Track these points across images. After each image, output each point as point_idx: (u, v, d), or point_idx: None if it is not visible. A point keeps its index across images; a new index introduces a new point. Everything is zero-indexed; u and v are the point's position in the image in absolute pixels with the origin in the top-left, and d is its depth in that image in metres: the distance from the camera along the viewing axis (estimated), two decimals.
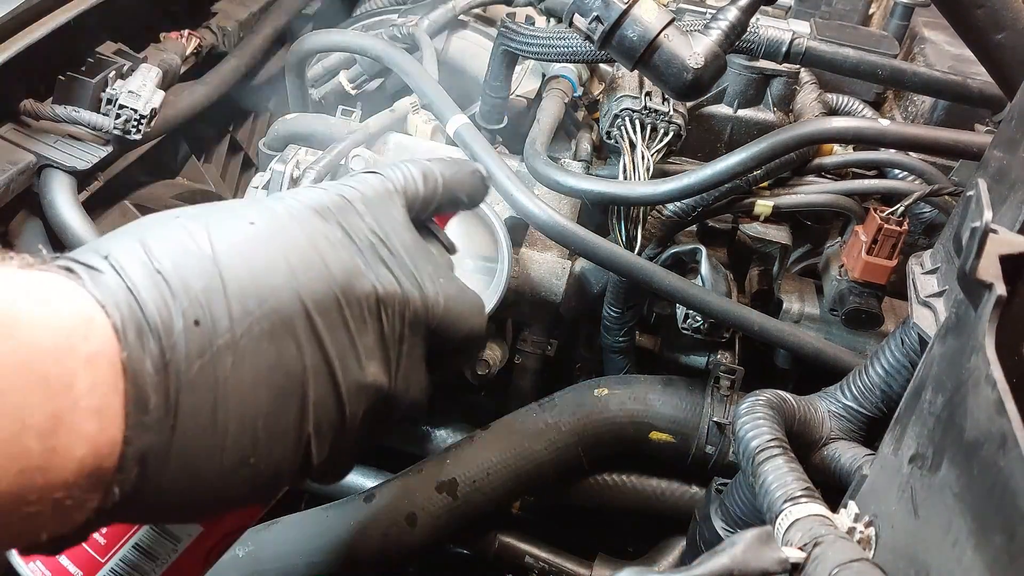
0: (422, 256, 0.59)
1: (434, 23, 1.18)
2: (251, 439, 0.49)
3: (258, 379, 0.49)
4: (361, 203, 0.58)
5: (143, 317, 0.46)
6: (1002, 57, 0.85)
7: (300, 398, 0.51)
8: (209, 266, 0.49)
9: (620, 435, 1.03)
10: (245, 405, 0.49)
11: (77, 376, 0.43)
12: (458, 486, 1.00)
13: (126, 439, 0.44)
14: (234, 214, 0.53)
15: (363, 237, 0.57)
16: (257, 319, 0.49)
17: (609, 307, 1.08)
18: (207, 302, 0.48)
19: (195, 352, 0.47)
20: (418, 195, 0.62)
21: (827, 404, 0.81)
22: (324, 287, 0.53)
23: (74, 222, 0.97)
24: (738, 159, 0.93)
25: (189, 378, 0.47)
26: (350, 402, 0.54)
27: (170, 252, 0.49)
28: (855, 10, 1.41)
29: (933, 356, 0.51)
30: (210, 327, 0.48)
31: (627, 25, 0.81)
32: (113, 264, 0.47)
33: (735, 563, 0.48)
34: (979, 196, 0.46)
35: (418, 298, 0.58)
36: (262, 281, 0.50)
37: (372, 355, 0.55)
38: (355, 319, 0.54)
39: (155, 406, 0.45)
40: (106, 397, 0.44)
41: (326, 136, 1.05)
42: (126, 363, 0.44)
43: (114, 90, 0.99)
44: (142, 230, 0.50)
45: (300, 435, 0.52)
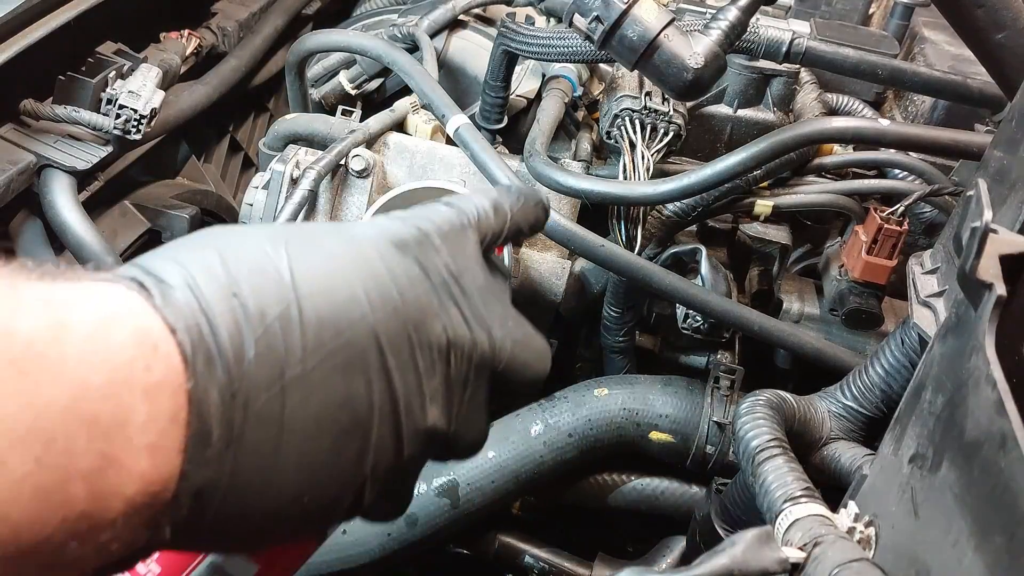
0: (492, 296, 0.58)
1: (434, 23, 1.18)
2: (309, 476, 0.47)
3: (324, 416, 0.47)
4: (438, 237, 0.56)
5: (215, 343, 0.43)
6: (1002, 57, 0.85)
7: (362, 438, 0.49)
8: (287, 292, 0.47)
9: (620, 435, 1.03)
10: (308, 441, 0.46)
11: (133, 411, 0.40)
12: (458, 486, 1.00)
13: (183, 474, 0.42)
14: (314, 238, 0.51)
15: (438, 274, 0.55)
16: (331, 352, 0.47)
17: (609, 307, 1.08)
18: (281, 331, 0.45)
19: (264, 383, 0.44)
20: (489, 229, 0.61)
21: (827, 404, 0.81)
22: (399, 325, 0.51)
23: (74, 222, 0.97)
24: (738, 159, 0.93)
25: (255, 410, 0.44)
26: (409, 446, 0.52)
27: (247, 272, 0.46)
28: (855, 10, 1.41)
29: (933, 356, 0.51)
30: (282, 357, 0.45)
31: (627, 25, 0.81)
32: (188, 280, 0.44)
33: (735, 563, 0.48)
34: (979, 196, 0.46)
35: (486, 343, 0.56)
36: (339, 313, 0.48)
37: (436, 399, 0.53)
38: (424, 360, 0.52)
39: (217, 438, 0.43)
40: (163, 431, 0.41)
41: (326, 136, 1.05)
42: (192, 393, 0.42)
43: (114, 90, 0.99)
44: (220, 241, 0.48)
45: (357, 475, 0.50)
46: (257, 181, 1.02)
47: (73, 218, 0.97)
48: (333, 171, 0.97)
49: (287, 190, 0.96)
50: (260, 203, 0.98)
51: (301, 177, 0.94)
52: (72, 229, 0.97)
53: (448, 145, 1.04)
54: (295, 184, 0.95)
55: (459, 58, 1.20)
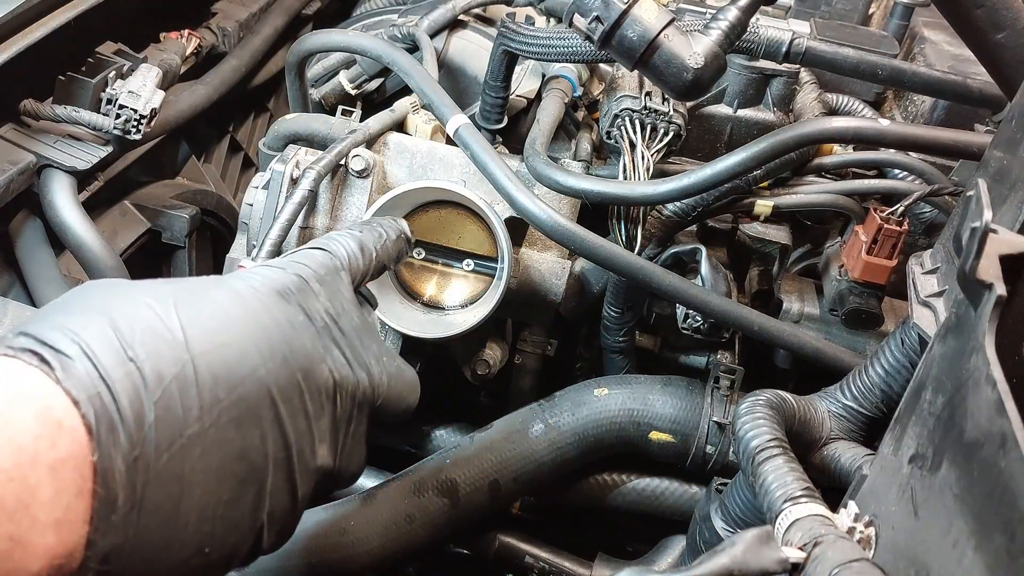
0: (367, 335, 0.62)
1: (434, 23, 1.18)
2: (209, 528, 0.49)
3: (222, 468, 0.49)
4: (316, 282, 0.60)
5: (116, 410, 0.44)
6: (1002, 57, 0.85)
7: (258, 486, 0.51)
8: (181, 353, 0.48)
9: (620, 435, 1.03)
10: (208, 495, 0.48)
11: (38, 489, 0.41)
12: (458, 486, 1.00)
13: (89, 543, 0.43)
14: (200, 293, 0.53)
15: (320, 319, 0.58)
16: (226, 407, 0.49)
17: (609, 307, 1.08)
18: (179, 391, 0.47)
19: (165, 443, 0.46)
20: (358, 269, 0.65)
21: (827, 404, 0.81)
22: (289, 373, 0.53)
23: (74, 222, 0.97)
24: (738, 159, 0.93)
25: (156, 470, 0.45)
26: (302, 486, 0.55)
27: (141, 337, 0.47)
28: (855, 10, 1.41)
29: (933, 356, 0.51)
30: (180, 417, 0.46)
31: (627, 25, 0.81)
32: (84, 349, 0.45)
33: (735, 563, 0.48)
34: (979, 196, 0.46)
35: (367, 380, 0.60)
36: (232, 368, 0.50)
37: (324, 438, 0.56)
38: (314, 404, 0.55)
39: (122, 503, 0.44)
40: (69, 505, 0.42)
41: (326, 136, 1.05)
42: (97, 464, 0.43)
43: (114, 90, 0.99)
44: (108, 306, 0.48)
45: (255, 522, 0.52)
46: (257, 181, 1.02)
47: (73, 218, 0.97)
48: (333, 171, 0.97)
49: (287, 190, 0.96)
50: (260, 203, 0.98)
51: (301, 177, 0.94)
52: (72, 229, 0.97)
53: (448, 145, 1.04)
54: (295, 184, 0.95)
55: (459, 58, 1.20)
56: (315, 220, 0.99)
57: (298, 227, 0.96)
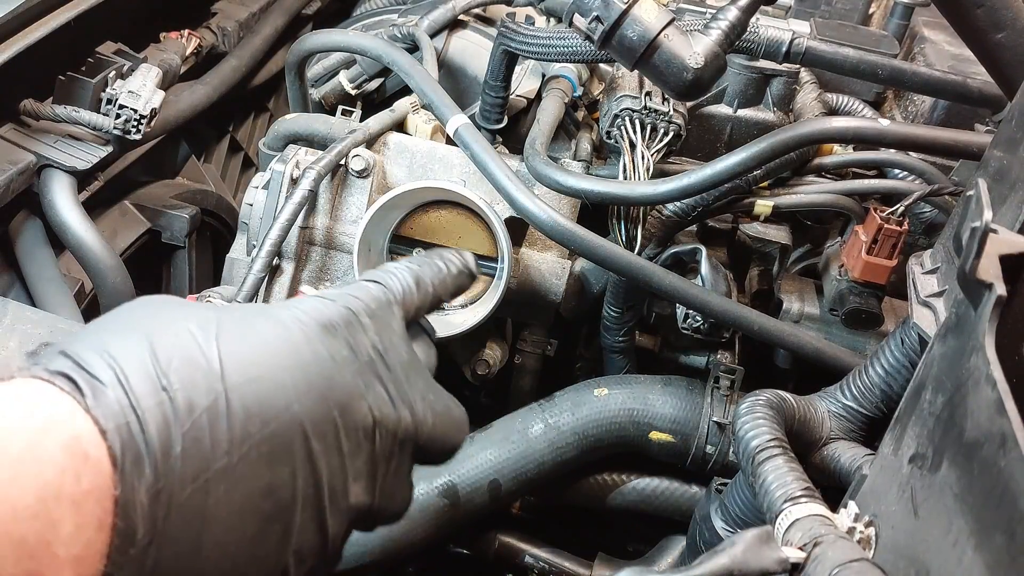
0: (415, 371, 0.60)
1: (434, 23, 1.18)
2: (231, 565, 0.48)
3: (247, 505, 0.48)
4: (366, 316, 0.58)
5: (143, 441, 0.44)
6: (1002, 57, 0.85)
7: (285, 524, 0.50)
8: (216, 383, 0.47)
9: (620, 435, 1.03)
10: (231, 531, 0.47)
11: (61, 525, 0.40)
12: (458, 486, 1.00)
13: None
14: (244, 322, 0.52)
15: (365, 353, 0.57)
16: (257, 443, 0.48)
17: (609, 307, 1.08)
18: (209, 423, 0.46)
19: (190, 476, 0.45)
20: (413, 303, 0.63)
21: (827, 404, 0.81)
22: (324, 410, 0.52)
23: (74, 222, 0.97)
24: (738, 159, 0.93)
25: (179, 503, 0.45)
26: (333, 526, 0.53)
27: (177, 365, 0.47)
28: (855, 10, 1.41)
29: (933, 356, 0.51)
30: (208, 450, 0.46)
31: (627, 25, 0.81)
32: (119, 376, 0.45)
33: (735, 563, 0.48)
34: (979, 196, 0.46)
35: (409, 419, 0.58)
36: (266, 403, 0.49)
37: (359, 476, 0.55)
38: (350, 442, 0.54)
39: (141, 536, 0.43)
40: (90, 541, 0.42)
41: (326, 136, 1.05)
42: (119, 498, 0.42)
43: (114, 90, 0.99)
44: (151, 328, 0.48)
45: (279, 560, 0.51)
46: (257, 181, 1.02)
47: (73, 218, 0.97)
48: (333, 171, 0.97)
49: (287, 190, 0.96)
50: (260, 203, 0.98)
51: (301, 177, 0.94)
52: (72, 229, 0.97)
53: (448, 145, 1.04)
54: (295, 184, 0.95)
55: (459, 58, 1.20)
56: (315, 220, 0.99)
57: (298, 227, 0.96)
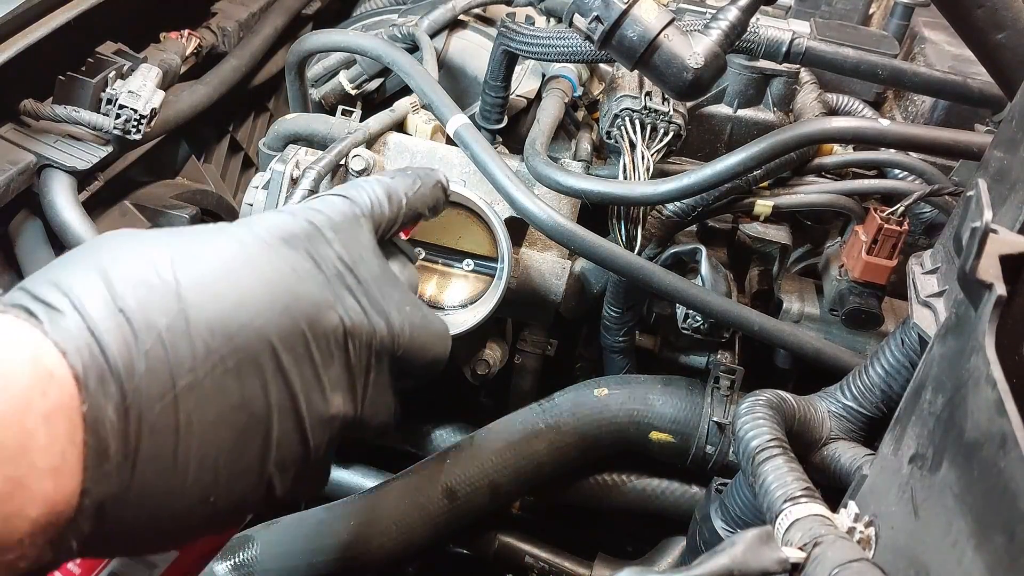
0: (388, 284, 0.59)
1: (434, 23, 1.18)
2: (212, 478, 0.48)
3: (221, 418, 0.48)
4: (329, 229, 0.57)
5: (105, 361, 0.44)
6: (1002, 57, 0.85)
7: (263, 436, 0.51)
8: (173, 302, 0.47)
9: (620, 435, 1.03)
10: (207, 445, 0.48)
11: (34, 436, 0.41)
12: (458, 486, 1.00)
13: (84, 491, 0.43)
14: (201, 242, 0.52)
15: (331, 266, 0.56)
16: (222, 357, 0.48)
17: (609, 307, 1.08)
18: (171, 341, 0.46)
19: (157, 394, 0.45)
20: (383, 216, 0.62)
21: (827, 404, 0.81)
22: (291, 322, 0.52)
23: (74, 222, 0.97)
24: (738, 159, 0.93)
25: (150, 421, 0.45)
26: (314, 435, 0.54)
27: (133, 287, 0.47)
28: (855, 10, 1.41)
29: (933, 356, 0.51)
30: (173, 367, 0.46)
31: (627, 25, 0.81)
32: (74, 303, 0.45)
33: (735, 563, 0.48)
34: (979, 196, 0.46)
35: (384, 328, 0.58)
36: (228, 318, 0.49)
37: (337, 386, 0.55)
38: (321, 352, 0.53)
39: (115, 452, 0.44)
40: (63, 453, 0.42)
41: (326, 136, 1.05)
42: (87, 414, 0.43)
43: (114, 90, 0.99)
44: (103, 259, 0.48)
45: (262, 472, 0.51)
46: (257, 181, 1.02)
47: (73, 218, 0.97)
48: (333, 171, 0.97)
49: (287, 190, 0.96)
50: (260, 203, 0.98)
51: (301, 177, 0.94)
52: (72, 229, 0.97)
53: (448, 145, 1.04)
54: (295, 184, 0.95)
55: (459, 58, 1.20)
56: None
57: None
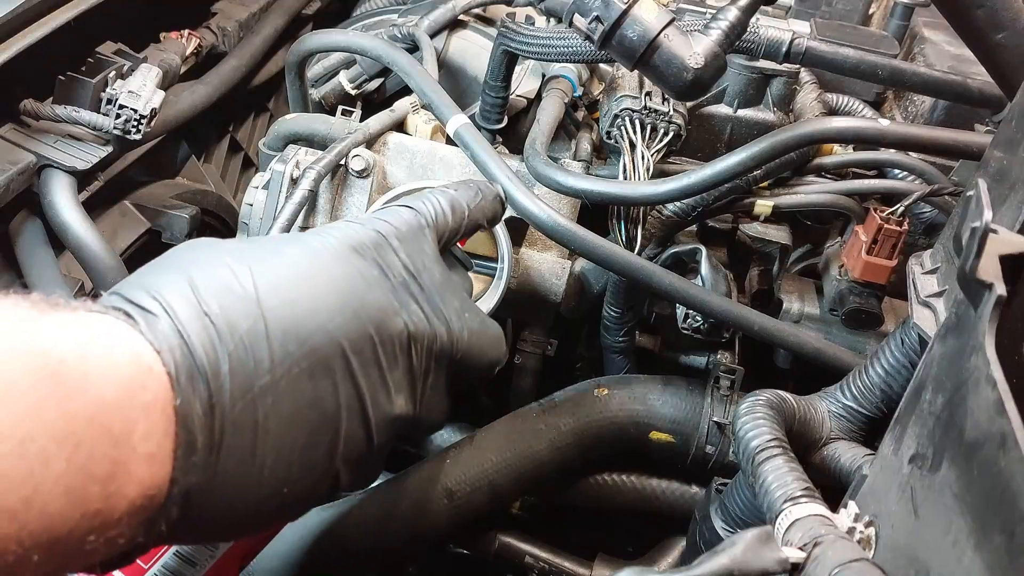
0: (449, 291, 0.63)
1: (434, 23, 1.18)
2: (286, 471, 0.52)
3: (295, 417, 0.52)
4: (395, 239, 0.61)
5: (193, 361, 0.48)
6: (1002, 57, 0.85)
7: (333, 433, 0.55)
8: (253, 308, 0.52)
9: (620, 435, 1.03)
10: (282, 441, 0.52)
11: (136, 425, 0.45)
12: (458, 486, 1.00)
13: (173, 480, 0.47)
14: (276, 252, 0.56)
15: (397, 273, 0.60)
16: (296, 360, 0.52)
17: (609, 307, 1.08)
18: (251, 344, 0.50)
19: (239, 393, 0.49)
20: (447, 227, 0.66)
21: (827, 404, 0.81)
22: (360, 327, 0.56)
23: (74, 222, 0.97)
24: (738, 159, 0.93)
25: (232, 417, 0.49)
26: (378, 434, 0.58)
27: (216, 293, 0.51)
28: (855, 10, 1.41)
29: (933, 356, 0.51)
30: (252, 368, 0.50)
31: (627, 25, 0.81)
32: (165, 307, 0.50)
33: (735, 563, 0.48)
34: (979, 196, 0.46)
35: (444, 334, 0.62)
36: (302, 322, 0.53)
37: (400, 388, 0.59)
38: (387, 356, 0.57)
39: (201, 445, 0.48)
40: (159, 442, 0.46)
41: (326, 136, 1.05)
42: (178, 409, 0.47)
43: (114, 90, 0.99)
44: (189, 266, 0.53)
45: (330, 466, 0.55)
46: (257, 181, 1.02)
47: (73, 218, 0.97)
48: (333, 171, 0.97)
49: (287, 190, 0.96)
50: (260, 203, 0.98)
51: (301, 177, 0.94)
52: (72, 229, 0.97)
53: (448, 145, 1.04)
54: (295, 184, 0.95)
55: (459, 58, 1.20)
56: (315, 220, 0.99)
57: (298, 227, 0.96)
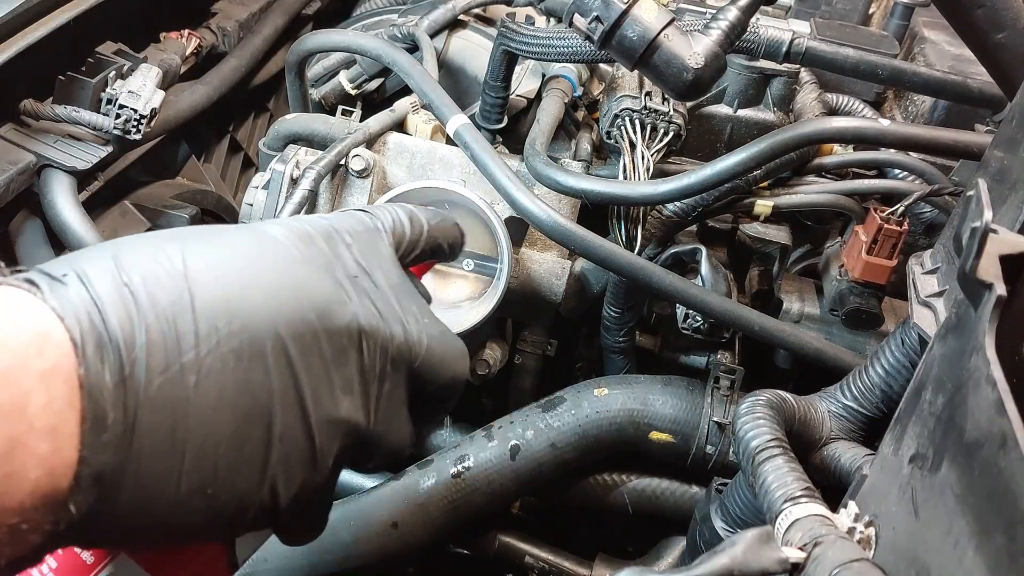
0: (407, 294, 0.57)
1: (434, 23, 1.18)
2: (211, 465, 0.47)
3: (221, 401, 0.47)
4: (348, 235, 0.56)
5: (105, 330, 0.44)
6: (1002, 57, 0.85)
7: (265, 426, 0.49)
8: (179, 282, 0.48)
9: (620, 435, 1.03)
10: (206, 427, 0.47)
11: (31, 396, 0.41)
12: (458, 486, 1.00)
13: (82, 459, 0.43)
14: (213, 234, 0.52)
15: (349, 266, 0.55)
16: (224, 338, 0.47)
17: (609, 307, 1.08)
18: (173, 317, 0.46)
19: (157, 368, 0.45)
20: (404, 236, 0.60)
21: (827, 404, 0.81)
22: (300, 312, 0.50)
23: (74, 222, 0.97)
24: (738, 159, 0.93)
25: (149, 395, 0.45)
26: (320, 437, 0.51)
27: (140, 267, 0.47)
28: (855, 10, 1.41)
29: (933, 356, 0.51)
30: (174, 343, 0.46)
31: (627, 25, 0.81)
32: (80, 276, 0.46)
33: (735, 563, 0.48)
34: (979, 196, 0.46)
35: (401, 335, 0.55)
36: (234, 301, 0.48)
37: (349, 389, 0.53)
38: (332, 349, 0.51)
39: (113, 423, 0.44)
40: (61, 415, 0.42)
41: (326, 136, 1.05)
42: (83, 379, 0.43)
43: (114, 90, 0.99)
44: (117, 246, 0.49)
45: (264, 467, 0.49)
46: (257, 181, 1.02)
47: (73, 218, 0.97)
48: (333, 171, 0.97)
49: (287, 190, 0.96)
50: (260, 203, 0.98)
51: (301, 177, 0.94)
52: (72, 229, 0.97)
53: (448, 145, 1.04)
54: (295, 184, 0.95)
55: (459, 58, 1.20)
56: None
57: None
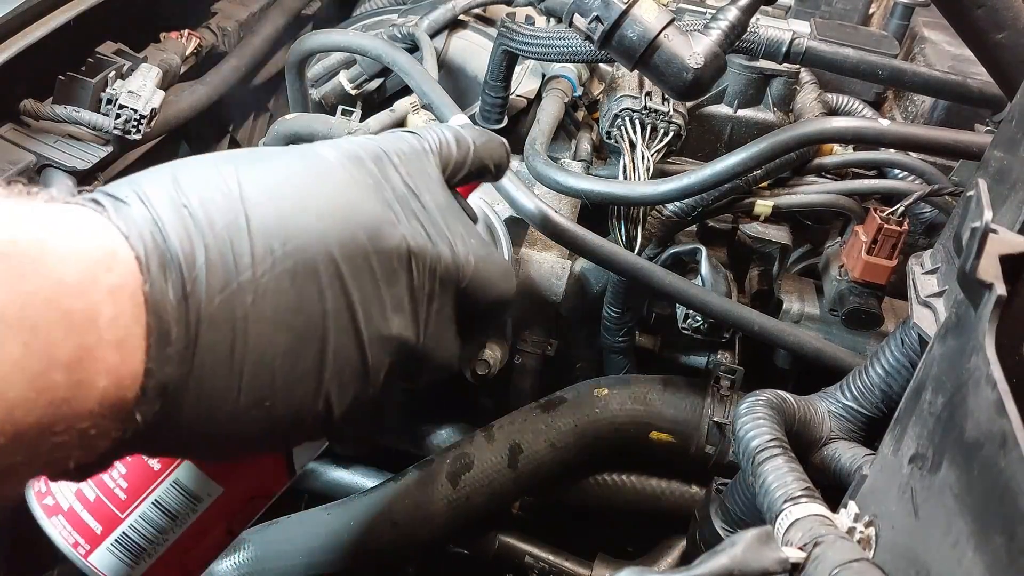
0: (454, 215, 0.58)
1: (434, 23, 1.18)
2: (268, 379, 0.49)
3: (277, 319, 0.49)
4: (396, 156, 0.57)
5: (166, 249, 0.46)
6: (1002, 57, 0.85)
7: (320, 342, 0.51)
8: (235, 203, 0.49)
9: (620, 435, 1.03)
10: (263, 343, 0.49)
11: (100, 309, 0.43)
12: (458, 486, 1.00)
13: (148, 371, 0.45)
14: (266, 155, 0.54)
15: (397, 187, 0.56)
16: (279, 259, 0.49)
17: (609, 307, 1.08)
18: (231, 238, 0.48)
19: (216, 286, 0.47)
20: (451, 157, 0.61)
21: (827, 404, 0.81)
22: (352, 233, 0.52)
23: None
24: (738, 159, 0.93)
25: (210, 311, 0.47)
26: (372, 353, 0.53)
27: (198, 188, 0.49)
28: (855, 10, 1.41)
29: (933, 356, 0.51)
30: (232, 263, 0.48)
31: (627, 25, 0.81)
32: (141, 196, 0.48)
33: (735, 563, 0.48)
34: (979, 196, 0.46)
35: (449, 256, 0.57)
36: (288, 222, 0.50)
37: (399, 308, 0.54)
38: (383, 269, 0.53)
39: (176, 338, 0.46)
40: (128, 329, 0.44)
41: (326, 136, 1.05)
42: (148, 295, 0.45)
43: (114, 90, 0.99)
44: (176, 168, 0.51)
45: (319, 382, 0.52)
46: None
47: None
48: None
49: None
50: None
51: None
52: None
53: None
54: None
55: (459, 58, 1.20)
56: None
57: None
